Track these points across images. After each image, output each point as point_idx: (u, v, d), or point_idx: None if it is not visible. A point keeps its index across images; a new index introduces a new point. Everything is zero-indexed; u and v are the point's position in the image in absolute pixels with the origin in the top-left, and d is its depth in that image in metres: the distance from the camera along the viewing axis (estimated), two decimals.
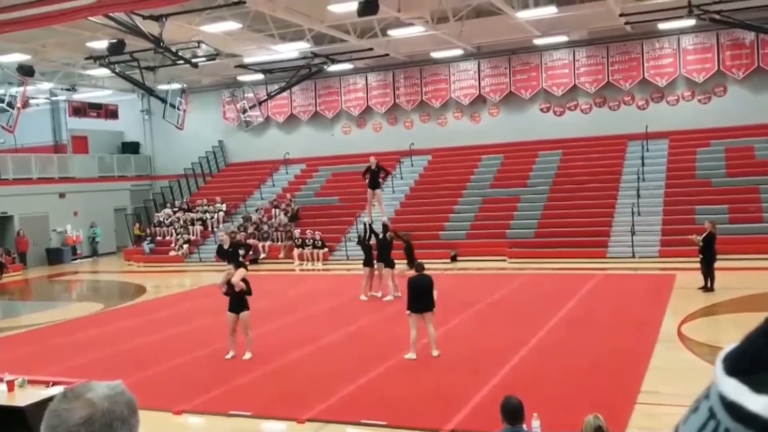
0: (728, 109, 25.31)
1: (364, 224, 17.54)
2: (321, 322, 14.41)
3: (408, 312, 10.94)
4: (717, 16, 21.82)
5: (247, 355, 11.56)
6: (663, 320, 12.85)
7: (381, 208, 18.66)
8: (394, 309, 14.31)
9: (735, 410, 0.61)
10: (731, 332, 12.12)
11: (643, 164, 24.69)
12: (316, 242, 24.80)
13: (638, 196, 23.12)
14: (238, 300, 11.54)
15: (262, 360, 11.43)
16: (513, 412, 5.45)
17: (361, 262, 16.92)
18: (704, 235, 15.71)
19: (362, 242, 16.90)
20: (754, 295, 14.64)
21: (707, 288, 15.45)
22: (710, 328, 12.91)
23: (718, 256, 15.85)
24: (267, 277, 22.16)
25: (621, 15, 22.00)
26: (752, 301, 14.21)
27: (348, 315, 15.01)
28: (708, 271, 15.56)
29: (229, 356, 11.56)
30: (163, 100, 28.11)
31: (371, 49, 25.48)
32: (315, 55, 26.22)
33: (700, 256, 15.73)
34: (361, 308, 15.54)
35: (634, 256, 21.00)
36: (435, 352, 10.96)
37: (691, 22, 22.82)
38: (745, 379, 0.61)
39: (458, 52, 27.18)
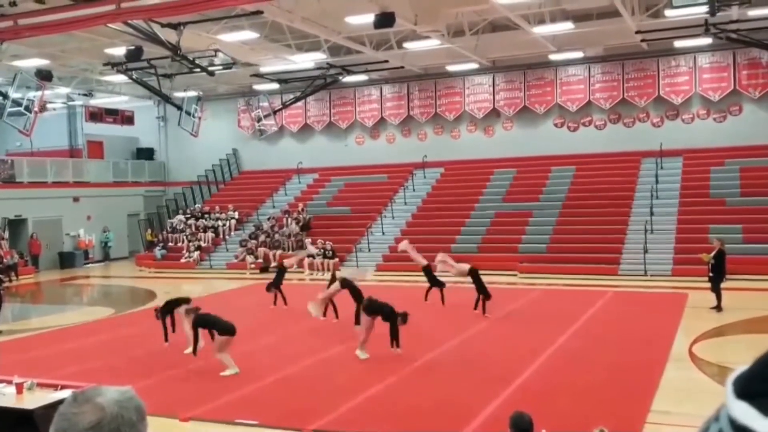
0: (743, 128, 25.19)
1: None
2: (328, 332, 14.37)
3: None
4: (734, 35, 21.76)
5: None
6: (674, 339, 12.75)
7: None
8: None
9: None
10: (743, 353, 12.00)
11: (656, 182, 24.59)
12: (327, 252, 24.80)
13: (651, 213, 23.00)
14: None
15: (268, 370, 11.42)
16: (523, 429, 5.42)
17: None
18: (714, 252, 15.60)
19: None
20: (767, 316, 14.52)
21: (720, 308, 15.31)
22: (722, 348, 12.77)
23: (728, 276, 15.70)
24: None
25: (637, 32, 21.94)
26: (766, 322, 14.08)
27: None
28: (717, 289, 15.44)
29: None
30: (179, 107, 28.32)
31: (386, 61, 25.55)
32: (330, 65, 26.31)
33: (710, 274, 15.60)
34: None
35: (646, 274, 20.87)
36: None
37: (707, 40, 22.75)
38: (755, 403, 0.61)
39: (473, 65, 27.22)
